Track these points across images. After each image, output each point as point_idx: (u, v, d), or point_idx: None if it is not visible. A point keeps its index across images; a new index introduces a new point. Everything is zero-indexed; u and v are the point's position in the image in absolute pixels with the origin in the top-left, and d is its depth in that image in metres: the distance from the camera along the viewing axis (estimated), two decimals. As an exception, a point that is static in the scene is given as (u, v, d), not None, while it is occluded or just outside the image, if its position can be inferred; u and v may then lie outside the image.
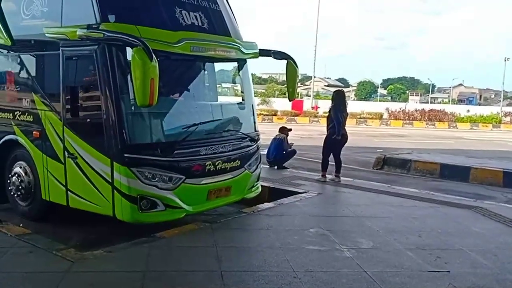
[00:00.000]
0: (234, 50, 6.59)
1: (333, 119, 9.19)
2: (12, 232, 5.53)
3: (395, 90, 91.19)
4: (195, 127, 6.02)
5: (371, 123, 38.22)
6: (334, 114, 9.23)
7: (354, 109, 41.64)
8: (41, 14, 6.06)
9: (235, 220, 6.48)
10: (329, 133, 9.35)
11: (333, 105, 9.42)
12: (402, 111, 42.27)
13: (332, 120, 9.24)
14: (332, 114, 9.29)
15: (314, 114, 41.02)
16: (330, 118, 9.32)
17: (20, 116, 6.39)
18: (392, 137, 26.13)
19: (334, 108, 9.32)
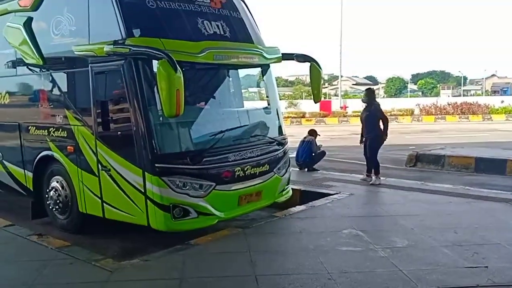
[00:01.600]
0: (257, 56, 6.65)
1: (383, 118, 8.97)
2: (52, 245, 5.72)
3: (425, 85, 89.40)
4: (223, 134, 6.10)
5: (402, 120, 37.49)
6: (382, 112, 9.08)
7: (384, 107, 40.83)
8: (70, 33, 6.28)
9: (267, 225, 6.50)
10: (379, 133, 8.98)
11: (375, 103, 9.18)
12: (433, 105, 41.30)
13: (378, 120, 8.95)
14: (379, 114, 8.99)
15: (343, 114, 40.59)
16: (376, 118, 8.96)
17: (54, 132, 6.62)
18: (424, 133, 25.60)
19: (379, 106, 9.15)
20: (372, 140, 8.98)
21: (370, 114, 8.99)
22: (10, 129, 7.44)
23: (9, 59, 7.32)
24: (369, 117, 9.01)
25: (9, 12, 7.21)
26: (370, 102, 9.17)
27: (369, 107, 9.10)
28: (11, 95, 7.47)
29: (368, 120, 9.02)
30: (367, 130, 9.04)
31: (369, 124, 8.99)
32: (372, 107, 9.04)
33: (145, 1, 5.77)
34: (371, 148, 9.00)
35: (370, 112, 8.99)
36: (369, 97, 9.28)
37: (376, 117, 8.95)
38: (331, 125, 34.91)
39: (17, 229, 6.35)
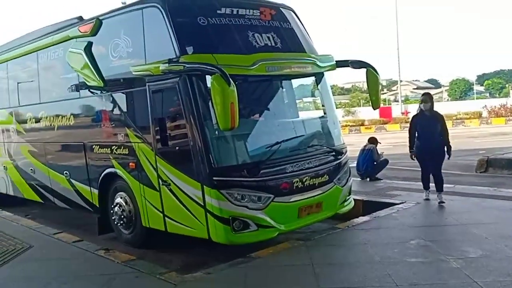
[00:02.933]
0: (310, 65, 6.57)
1: (445, 127, 7.89)
2: (118, 259, 5.88)
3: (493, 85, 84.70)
4: (279, 145, 6.05)
5: (469, 124, 35.74)
6: (444, 120, 7.99)
7: (449, 110, 39.32)
8: (127, 55, 6.52)
9: (329, 236, 6.34)
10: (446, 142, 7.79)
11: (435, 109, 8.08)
12: (503, 106, 38.99)
13: (446, 129, 7.85)
14: (443, 122, 7.91)
15: (405, 120, 39.27)
16: (440, 125, 7.82)
17: (116, 150, 6.86)
18: (495, 136, 24.21)
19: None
20: (440, 153, 7.75)
21: (434, 121, 7.80)
22: (76, 149, 7.80)
23: (72, 83, 7.70)
24: (439, 124, 7.77)
25: (71, 38, 7.60)
26: (431, 108, 8.04)
27: (433, 112, 7.97)
28: (75, 116, 7.84)
29: (437, 128, 7.75)
30: (437, 138, 7.70)
31: (439, 133, 7.74)
32: (438, 115, 7.97)
33: (197, 18, 5.89)
34: (440, 162, 7.83)
35: (434, 118, 7.85)
36: (430, 102, 8.00)
37: (440, 125, 7.82)
38: (392, 132, 33.93)
39: (85, 244, 6.60)
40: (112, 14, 6.94)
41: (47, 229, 7.61)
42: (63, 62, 7.82)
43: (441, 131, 7.74)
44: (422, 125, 7.84)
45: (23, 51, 9.08)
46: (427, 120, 7.80)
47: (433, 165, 7.81)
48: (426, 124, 7.79)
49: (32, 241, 6.85)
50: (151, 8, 6.09)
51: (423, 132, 7.80)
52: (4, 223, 8.31)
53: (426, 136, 7.74)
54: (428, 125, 7.77)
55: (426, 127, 7.78)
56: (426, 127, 7.79)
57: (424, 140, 7.77)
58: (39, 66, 8.69)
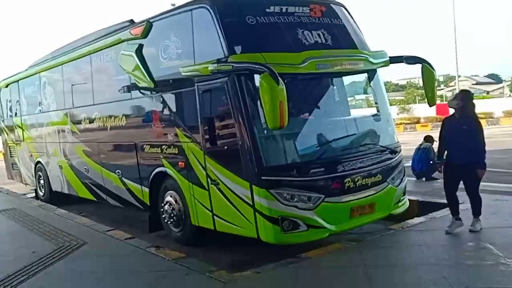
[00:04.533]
0: (362, 61, 6.40)
1: (481, 137, 6.07)
2: (169, 256, 5.95)
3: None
4: (329, 144, 5.94)
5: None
6: (482, 128, 6.19)
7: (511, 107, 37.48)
8: (177, 56, 6.59)
9: (383, 238, 6.16)
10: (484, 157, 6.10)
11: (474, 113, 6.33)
12: None
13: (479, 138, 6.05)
14: (478, 127, 6.12)
15: (463, 116, 37.76)
16: (473, 131, 6.07)
17: (166, 150, 6.95)
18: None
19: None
20: (474, 169, 6.05)
21: (471, 128, 6.08)
22: (127, 149, 8.00)
23: (124, 85, 7.90)
24: (469, 132, 6.07)
25: (122, 41, 7.79)
26: (468, 110, 6.20)
27: (464, 116, 6.15)
28: (127, 117, 8.03)
29: (467, 137, 6.05)
30: (466, 153, 6.03)
31: (470, 143, 6.03)
32: (471, 119, 6.17)
33: (245, 18, 5.87)
34: (476, 179, 6.13)
35: (465, 123, 6.10)
36: (467, 102, 6.22)
37: (479, 133, 6.06)
38: (449, 130, 32.57)
39: (137, 242, 6.73)
40: (162, 17, 7.04)
41: (100, 227, 7.85)
42: (115, 64, 8.03)
43: (476, 140, 5.98)
44: (449, 131, 6.27)
45: (77, 54, 9.41)
46: (456, 124, 6.17)
47: (466, 184, 6.22)
48: (454, 130, 6.17)
49: (86, 238, 7.07)
50: (200, 9, 6.13)
51: (451, 140, 6.22)
52: (59, 220, 8.63)
53: (454, 145, 6.17)
54: (456, 131, 6.12)
55: (454, 134, 6.15)
56: (454, 134, 6.17)
57: (452, 150, 6.22)
58: (92, 69, 8.97)
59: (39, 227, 8.06)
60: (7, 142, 13.89)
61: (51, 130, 10.89)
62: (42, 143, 11.36)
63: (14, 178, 13.97)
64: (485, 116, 36.66)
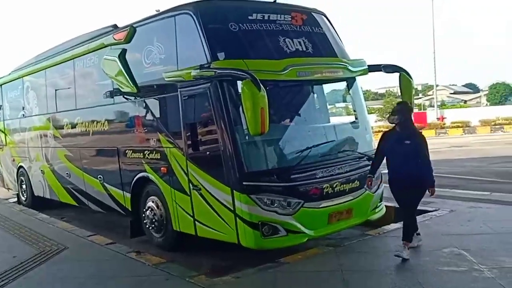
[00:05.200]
0: (342, 69, 6.53)
1: (426, 151, 5.63)
2: (150, 261, 5.98)
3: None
4: (309, 151, 6.03)
5: (509, 129, 34.61)
6: (426, 143, 5.69)
7: (488, 116, 38.32)
8: (160, 61, 6.64)
9: (359, 243, 6.27)
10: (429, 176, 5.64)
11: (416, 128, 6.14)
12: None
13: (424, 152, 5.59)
14: (424, 145, 5.63)
15: (440, 125, 38.50)
16: (422, 147, 5.60)
17: (149, 155, 6.98)
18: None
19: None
20: (416, 187, 5.59)
21: (415, 142, 5.59)
22: (109, 154, 7.99)
23: (107, 90, 7.89)
24: (412, 146, 5.55)
25: (106, 46, 7.80)
26: (411, 123, 5.81)
27: (407, 130, 5.68)
28: (109, 122, 8.04)
29: (410, 152, 5.54)
30: (407, 171, 5.53)
31: (414, 158, 5.53)
32: (415, 133, 5.80)
33: (228, 25, 5.97)
34: (417, 197, 5.73)
35: (414, 139, 5.63)
36: (408, 115, 5.80)
37: (423, 148, 5.60)
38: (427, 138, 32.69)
39: (118, 247, 6.74)
40: (146, 22, 7.08)
41: (82, 232, 7.84)
42: (98, 69, 8.04)
43: (421, 155, 5.54)
44: (390, 146, 5.75)
45: (60, 59, 9.39)
46: (398, 139, 5.66)
47: (406, 201, 5.74)
48: (396, 145, 5.64)
49: (67, 243, 7.05)
50: (184, 15, 6.20)
51: (392, 156, 5.72)
52: (41, 225, 8.58)
53: (395, 162, 5.69)
54: (398, 146, 5.61)
55: (396, 149, 5.64)
56: (396, 148, 5.65)
57: (394, 167, 5.74)
58: (75, 73, 8.96)
59: (20, 232, 8.01)
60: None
61: (33, 135, 10.82)
62: (25, 148, 11.27)
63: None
64: (462, 125, 37.54)
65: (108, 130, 8.05)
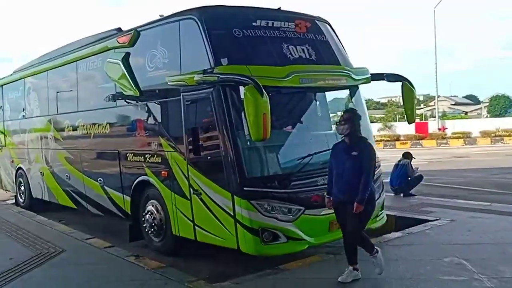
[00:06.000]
0: (344, 77, 6.54)
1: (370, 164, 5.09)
2: (148, 266, 5.94)
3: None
4: (311, 158, 6.01)
5: (509, 141, 34.68)
6: (371, 156, 5.15)
7: (488, 127, 38.41)
8: (163, 65, 6.65)
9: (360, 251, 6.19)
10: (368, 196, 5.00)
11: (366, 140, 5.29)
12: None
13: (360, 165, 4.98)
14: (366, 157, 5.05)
15: (441, 136, 38.55)
16: (357, 161, 5.00)
17: (150, 159, 6.97)
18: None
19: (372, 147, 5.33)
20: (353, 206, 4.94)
21: (358, 159, 4.99)
22: (110, 157, 8.00)
23: (109, 93, 7.92)
24: (354, 163, 4.99)
25: (109, 49, 7.82)
26: (355, 136, 5.13)
27: (354, 143, 5.10)
28: (111, 125, 8.04)
29: (352, 169, 4.99)
30: (349, 186, 4.99)
31: (354, 176, 4.96)
32: (362, 145, 5.11)
33: (232, 31, 5.99)
34: (352, 218, 5.02)
35: (358, 155, 5.01)
36: (357, 124, 5.17)
37: (358, 161, 4.99)
38: (428, 148, 33.25)
39: (116, 250, 6.71)
40: (150, 26, 7.11)
41: (80, 234, 7.80)
42: (101, 72, 8.04)
43: (359, 171, 4.93)
44: (334, 159, 5.24)
45: (63, 60, 9.41)
46: (341, 152, 5.16)
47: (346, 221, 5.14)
48: (339, 158, 5.15)
49: (65, 246, 7.02)
50: (188, 20, 6.22)
51: (336, 170, 5.16)
52: (38, 227, 8.55)
53: (337, 176, 5.14)
54: (340, 160, 5.12)
55: (338, 163, 5.14)
56: (338, 162, 5.16)
57: (335, 182, 5.18)
58: (78, 76, 8.97)
59: (17, 234, 7.97)
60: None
61: (33, 136, 10.81)
62: (24, 149, 11.25)
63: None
64: (463, 135, 37.61)
65: (109, 133, 8.04)
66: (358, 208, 4.89)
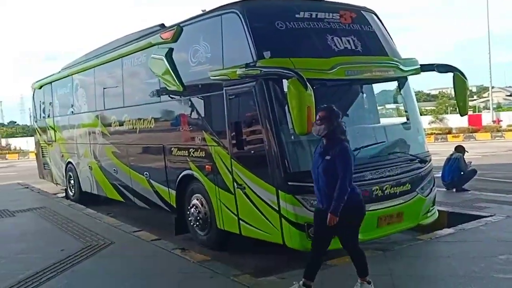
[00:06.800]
0: (392, 68, 6.33)
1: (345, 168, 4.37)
2: (194, 259, 5.98)
3: None
4: (358, 152, 5.82)
5: None
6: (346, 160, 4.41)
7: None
8: (206, 60, 6.65)
9: (410, 248, 6.05)
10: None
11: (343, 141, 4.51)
12: None
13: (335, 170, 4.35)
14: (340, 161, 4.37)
15: (496, 128, 36.97)
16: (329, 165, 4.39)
17: (194, 153, 7.01)
18: None
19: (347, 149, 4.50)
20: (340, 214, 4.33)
21: (331, 164, 4.38)
22: (155, 151, 8.10)
23: (153, 88, 8.02)
24: (327, 168, 4.40)
25: (153, 45, 7.90)
26: (333, 137, 4.46)
27: (329, 146, 4.46)
28: (156, 120, 8.14)
29: (325, 175, 4.42)
30: (324, 194, 4.45)
31: (327, 183, 4.41)
32: (336, 148, 4.41)
33: (274, 23, 5.90)
34: (339, 228, 4.42)
35: (332, 159, 4.39)
36: (336, 123, 4.47)
37: (329, 165, 4.39)
38: (482, 141, 31.91)
39: (163, 243, 6.80)
40: (192, 21, 7.13)
41: (127, 227, 7.96)
42: (146, 68, 8.16)
43: (333, 178, 4.35)
44: (313, 163, 4.68)
45: (109, 57, 9.62)
46: (316, 155, 4.59)
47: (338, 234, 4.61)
48: (314, 163, 4.62)
49: (114, 238, 7.18)
50: (230, 14, 6.18)
51: (313, 176, 4.60)
52: (88, 220, 8.80)
53: (315, 183, 4.58)
54: (314, 164, 4.59)
55: (313, 168, 4.61)
56: (313, 167, 4.63)
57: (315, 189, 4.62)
58: (123, 72, 9.15)
59: (68, 226, 8.24)
60: (39, 142, 14.29)
61: (82, 132, 11.14)
62: (73, 144, 11.63)
63: (45, 178, 14.36)
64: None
65: (154, 128, 8.15)
66: (331, 220, 4.27)
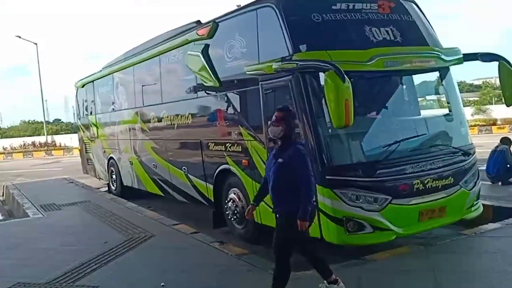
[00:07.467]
0: (433, 58, 6.15)
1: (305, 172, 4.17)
2: (232, 252, 6.04)
3: None
4: (398, 145, 5.73)
5: None
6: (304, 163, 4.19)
7: None
8: (241, 55, 6.67)
9: (453, 243, 5.89)
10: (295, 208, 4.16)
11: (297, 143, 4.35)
12: None
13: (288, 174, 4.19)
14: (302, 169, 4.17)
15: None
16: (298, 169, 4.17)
17: (230, 148, 7.06)
18: None
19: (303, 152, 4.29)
20: (283, 219, 4.39)
21: (283, 167, 4.21)
22: (193, 146, 8.20)
23: (190, 84, 8.12)
24: (278, 171, 4.25)
25: (189, 42, 7.99)
26: (288, 139, 4.28)
27: (284, 148, 4.28)
28: (193, 115, 8.24)
29: (276, 178, 4.28)
30: (274, 197, 4.41)
31: (278, 187, 4.30)
32: (291, 149, 4.22)
33: (310, 16, 5.83)
34: (281, 235, 4.40)
35: (284, 163, 4.20)
36: (292, 124, 4.35)
37: (299, 170, 4.15)
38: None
39: (202, 236, 6.89)
40: (228, 17, 7.15)
41: (167, 220, 8.10)
42: (183, 64, 8.25)
43: (284, 181, 4.22)
44: (267, 164, 4.51)
45: (147, 55, 9.78)
46: (271, 157, 4.41)
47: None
48: (271, 164, 4.36)
49: (154, 231, 7.32)
50: (265, 8, 6.16)
51: (269, 178, 4.40)
52: (130, 213, 9.00)
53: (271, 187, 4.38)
54: (268, 166, 4.47)
55: (266, 169, 4.53)
56: (266, 168, 4.56)
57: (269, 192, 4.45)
58: (161, 69, 9.29)
59: (110, 219, 8.47)
60: (83, 139, 14.76)
61: (122, 128, 11.43)
62: (115, 140, 11.94)
63: (88, 173, 14.82)
64: None
65: (191, 123, 8.26)
66: (301, 225, 4.09)
